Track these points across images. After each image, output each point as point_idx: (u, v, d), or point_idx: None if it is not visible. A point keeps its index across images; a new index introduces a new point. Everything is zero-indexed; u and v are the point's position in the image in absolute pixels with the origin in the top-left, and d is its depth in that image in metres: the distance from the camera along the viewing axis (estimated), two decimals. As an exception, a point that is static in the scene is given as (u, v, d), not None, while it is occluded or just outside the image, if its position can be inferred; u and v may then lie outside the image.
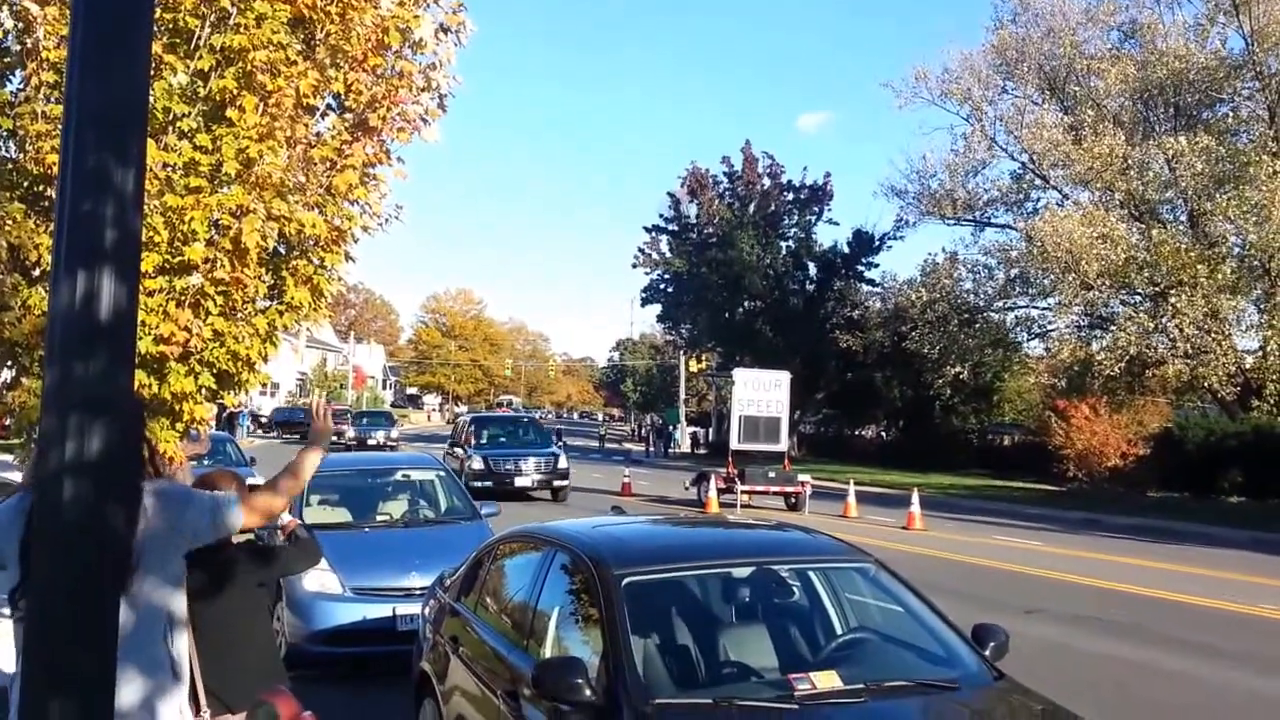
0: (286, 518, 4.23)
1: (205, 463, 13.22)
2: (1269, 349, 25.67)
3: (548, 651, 4.16)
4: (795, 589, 4.56)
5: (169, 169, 4.73)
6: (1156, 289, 27.16)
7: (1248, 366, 26.95)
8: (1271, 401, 25.56)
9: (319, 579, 7.30)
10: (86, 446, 1.98)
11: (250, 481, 4.26)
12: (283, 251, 5.40)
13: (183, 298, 4.86)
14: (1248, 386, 26.73)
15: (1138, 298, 28.88)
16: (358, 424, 41.83)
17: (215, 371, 5.16)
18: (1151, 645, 9.16)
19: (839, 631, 4.37)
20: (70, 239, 2.02)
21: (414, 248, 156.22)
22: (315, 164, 5.20)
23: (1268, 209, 24.56)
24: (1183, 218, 29.22)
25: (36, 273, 4.77)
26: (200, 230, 4.77)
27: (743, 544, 4.99)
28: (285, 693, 2.87)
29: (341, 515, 9.11)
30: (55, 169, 2.44)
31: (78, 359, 1.99)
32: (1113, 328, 28.82)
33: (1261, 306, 27.32)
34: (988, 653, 4.00)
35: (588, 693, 3.48)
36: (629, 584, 3.95)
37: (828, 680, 3.62)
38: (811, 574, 4.59)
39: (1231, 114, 29.14)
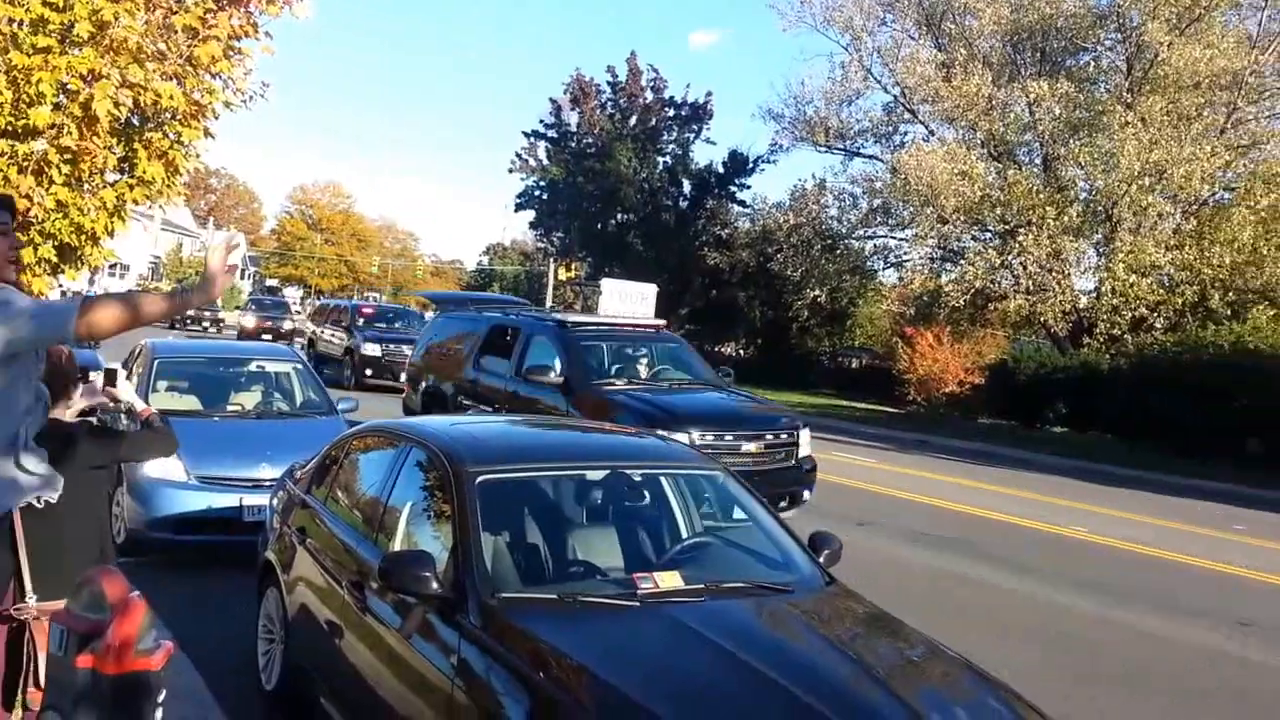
0: (141, 405, 4.12)
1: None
2: (1103, 290, 27.25)
3: (397, 545, 4.16)
4: (646, 493, 4.69)
5: (14, 24, 4.37)
6: (1006, 227, 28.41)
7: (1082, 306, 28.67)
8: (1101, 339, 27.27)
9: (162, 465, 7.08)
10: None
11: (94, 377, 4.07)
12: (136, 123, 5.09)
13: (25, 163, 4.54)
14: (1080, 324, 28.46)
15: (988, 234, 30.16)
16: None
17: (57, 244, 4.88)
18: (971, 559, 9.92)
19: (685, 535, 4.56)
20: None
21: (281, 136, 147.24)
22: (176, 32, 4.87)
23: (1116, 157, 25.85)
24: (1037, 160, 30.48)
25: None
26: (48, 93, 4.43)
27: (598, 447, 5.10)
28: (113, 572, 2.80)
29: (190, 403, 8.81)
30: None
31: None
32: (962, 261, 30.09)
33: (1101, 250, 28.89)
34: (822, 559, 4.24)
35: (434, 585, 3.52)
36: (483, 482, 3.98)
37: (670, 580, 3.79)
38: (663, 479, 4.74)
39: (1093, 63, 30.32)
